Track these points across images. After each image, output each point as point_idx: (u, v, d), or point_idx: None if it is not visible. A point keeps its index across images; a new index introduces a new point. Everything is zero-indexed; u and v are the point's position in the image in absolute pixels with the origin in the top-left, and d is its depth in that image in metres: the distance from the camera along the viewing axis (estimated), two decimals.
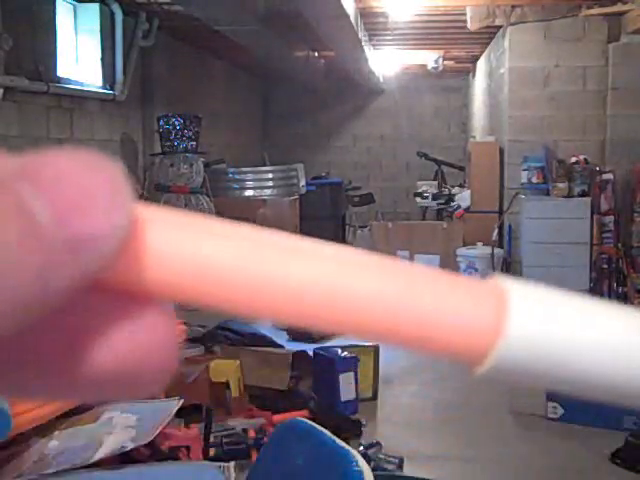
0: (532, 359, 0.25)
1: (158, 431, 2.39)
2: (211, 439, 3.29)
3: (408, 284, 0.24)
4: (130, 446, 2.30)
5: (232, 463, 3.15)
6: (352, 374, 4.31)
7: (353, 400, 4.33)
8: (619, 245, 7.01)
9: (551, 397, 4.18)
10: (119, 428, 2.38)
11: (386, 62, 10.91)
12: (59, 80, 6.27)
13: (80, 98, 6.72)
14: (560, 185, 7.25)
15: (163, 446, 2.58)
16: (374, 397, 4.59)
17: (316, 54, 9.40)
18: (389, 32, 8.64)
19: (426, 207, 9.93)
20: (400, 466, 3.52)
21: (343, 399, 4.28)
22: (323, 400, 4.16)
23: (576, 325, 0.25)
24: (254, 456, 3.31)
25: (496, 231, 7.74)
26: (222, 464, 3.08)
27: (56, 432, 2.39)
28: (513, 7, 7.40)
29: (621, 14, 7.18)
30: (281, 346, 4.95)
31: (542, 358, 0.25)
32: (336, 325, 0.24)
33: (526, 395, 4.41)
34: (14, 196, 0.20)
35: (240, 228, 0.24)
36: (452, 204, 8.92)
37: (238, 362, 4.13)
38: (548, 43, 7.55)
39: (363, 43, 8.08)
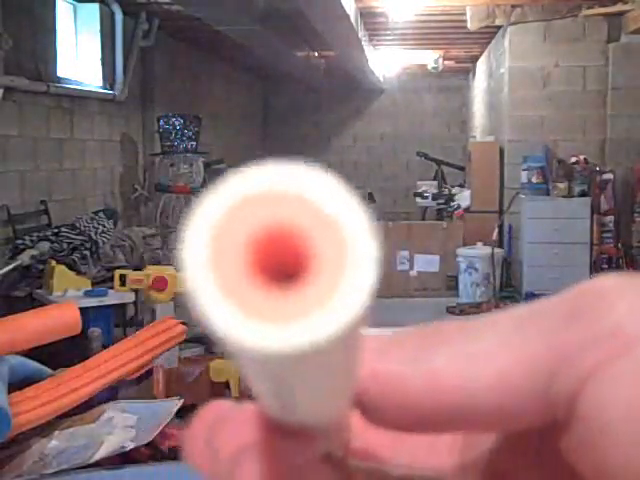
0: None
1: (158, 431, 2.39)
2: None
3: None
4: (130, 446, 2.30)
5: None
6: None
7: None
8: (619, 245, 7.00)
9: None
10: (119, 428, 2.38)
11: (386, 62, 10.90)
12: (59, 80, 6.26)
13: (80, 98, 6.72)
14: (560, 185, 7.25)
15: (163, 446, 2.58)
16: None
17: (316, 54, 9.40)
18: (389, 32, 8.63)
19: (426, 207, 9.93)
20: None
21: None
22: None
23: None
24: None
25: (496, 231, 7.74)
26: None
27: (56, 432, 2.38)
28: (513, 7, 7.40)
29: (621, 14, 7.18)
30: None
31: None
32: None
33: None
34: None
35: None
36: (452, 204, 8.91)
37: None
38: (548, 43, 7.55)
39: (363, 43, 8.08)
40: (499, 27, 7.90)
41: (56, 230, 5.80)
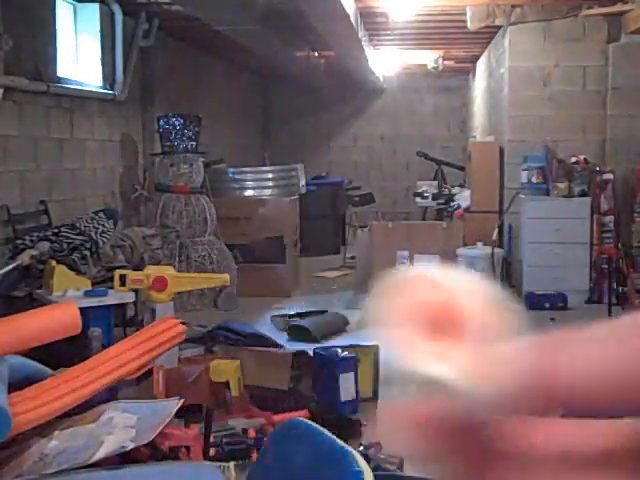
0: None
1: (158, 431, 2.39)
2: (211, 439, 3.29)
3: None
4: (130, 446, 2.30)
5: (232, 463, 3.15)
6: (352, 374, 4.31)
7: (353, 400, 4.33)
8: (619, 245, 7.00)
9: None
10: (119, 428, 2.38)
11: (386, 62, 10.90)
12: (59, 80, 6.26)
13: (80, 98, 6.72)
14: (560, 185, 7.24)
15: (163, 446, 2.58)
16: (374, 397, 4.59)
17: (316, 54, 9.39)
18: (389, 32, 8.63)
19: (426, 207, 9.93)
20: (400, 466, 3.52)
21: (343, 399, 4.28)
22: (323, 400, 4.16)
23: None
24: (254, 456, 3.31)
25: (496, 231, 7.73)
26: (222, 464, 3.08)
27: (56, 432, 2.38)
28: (513, 7, 7.40)
29: (621, 14, 7.18)
30: (281, 346, 4.94)
31: None
32: None
33: None
34: None
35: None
36: (452, 204, 8.91)
37: (238, 362, 4.13)
38: (548, 43, 7.55)
39: (363, 43, 8.08)
40: (499, 27, 7.90)
41: (56, 230, 5.80)
